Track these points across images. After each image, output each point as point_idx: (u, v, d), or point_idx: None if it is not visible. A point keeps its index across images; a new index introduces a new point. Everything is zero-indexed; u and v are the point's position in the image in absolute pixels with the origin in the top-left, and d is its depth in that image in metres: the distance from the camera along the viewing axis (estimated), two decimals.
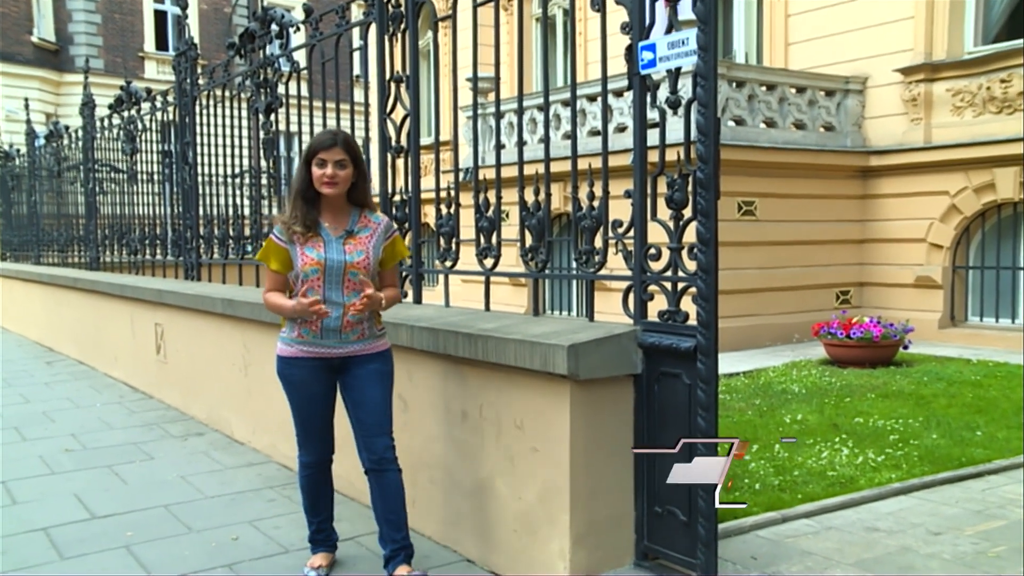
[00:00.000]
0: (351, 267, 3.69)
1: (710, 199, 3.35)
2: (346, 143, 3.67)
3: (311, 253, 3.66)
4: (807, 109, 11.76)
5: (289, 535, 4.49)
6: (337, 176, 3.65)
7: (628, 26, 3.66)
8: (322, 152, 3.64)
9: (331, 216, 3.76)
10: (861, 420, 6.61)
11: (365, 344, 3.79)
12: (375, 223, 3.82)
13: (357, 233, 3.76)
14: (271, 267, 3.78)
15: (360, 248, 3.72)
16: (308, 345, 3.75)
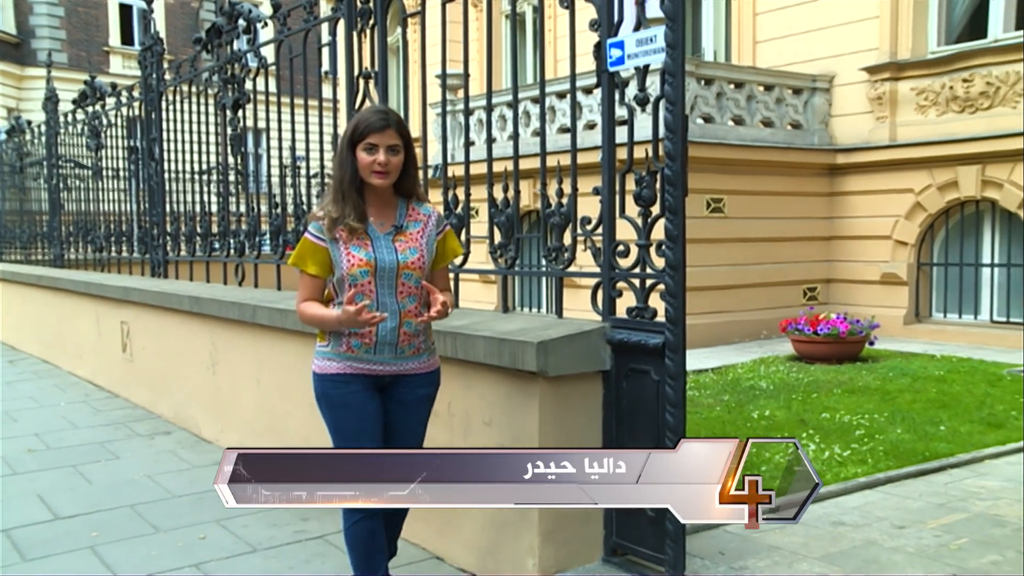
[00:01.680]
0: (405, 268, 3.16)
1: (678, 196, 3.37)
2: (399, 125, 3.16)
3: (358, 253, 3.12)
4: (775, 107, 11.83)
5: (257, 534, 4.46)
6: (390, 164, 3.12)
7: (597, 23, 3.67)
8: (373, 135, 3.09)
9: (377, 209, 3.23)
10: (828, 415, 6.68)
11: (420, 361, 3.28)
12: (425, 216, 3.30)
13: (407, 228, 3.24)
14: (308, 271, 3.20)
15: (413, 245, 3.20)
16: (360, 361, 3.18)
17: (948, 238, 11.44)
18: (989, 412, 6.74)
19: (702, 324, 10.18)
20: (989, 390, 7.60)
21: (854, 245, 12.00)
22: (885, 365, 8.94)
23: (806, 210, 12.02)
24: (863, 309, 11.09)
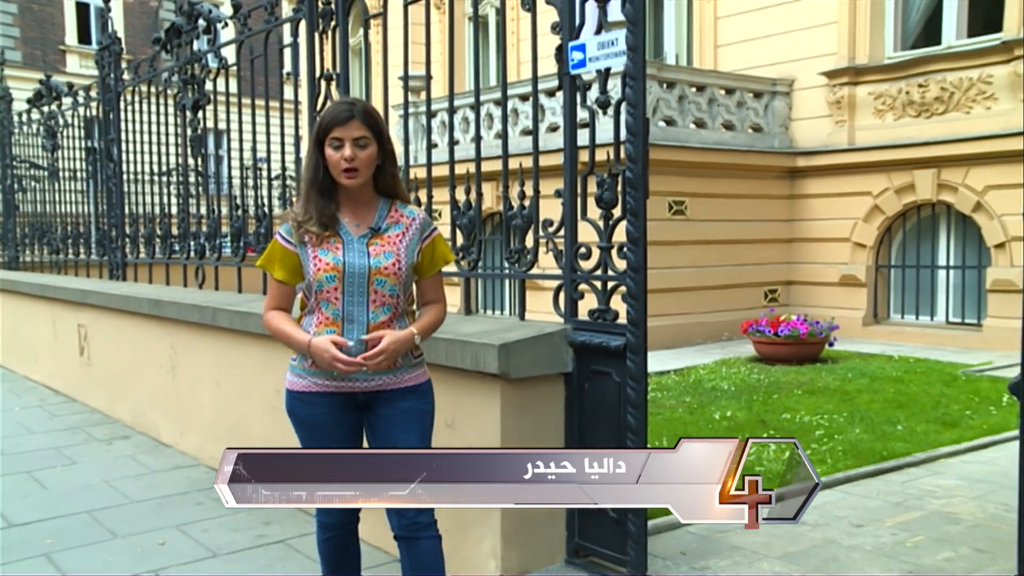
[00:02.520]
0: (377, 273, 2.85)
1: (639, 198, 3.38)
2: (366, 114, 2.85)
3: (326, 256, 2.84)
4: (736, 110, 11.93)
5: (218, 539, 4.42)
6: (357, 159, 2.81)
7: (558, 26, 3.69)
8: (337, 129, 2.80)
9: (352, 210, 2.92)
10: (788, 416, 6.74)
11: (397, 375, 2.93)
12: (408, 218, 2.97)
13: (385, 231, 2.92)
14: (275, 276, 2.97)
15: (388, 249, 2.88)
16: (325, 377, 2.89)
17: (905, 240, 11.60)
18: (944, 412, 6.84)
19: (664, 326, 10.23)
20: (945, 390, 7.71)
21: (814, 247, 12.12)
22: (844, 366, 9.05)
23: (767, 212, 12.13)
24: (823, 311, 11.21)
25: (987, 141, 10.09)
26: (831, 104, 11.80)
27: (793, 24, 12.00)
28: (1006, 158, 9.53)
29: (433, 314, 3.03)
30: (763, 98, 12.20)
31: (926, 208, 11.28)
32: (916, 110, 11.03)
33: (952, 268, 11.16)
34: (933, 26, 11.30)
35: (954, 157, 10.54)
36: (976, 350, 9.90)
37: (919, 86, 10.98)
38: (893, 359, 9.49)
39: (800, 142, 12.23)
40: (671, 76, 11.39)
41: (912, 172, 11.02)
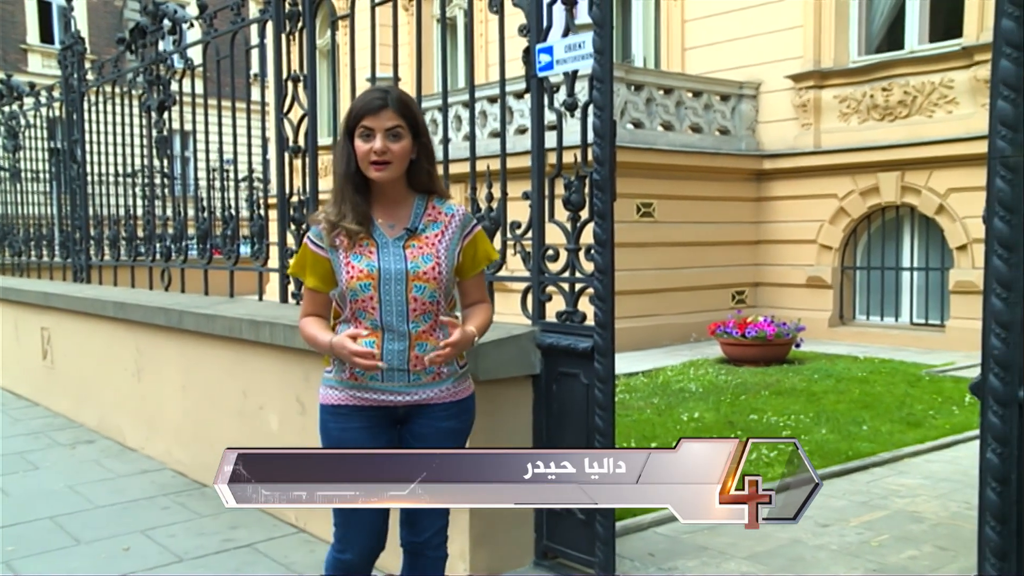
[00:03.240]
0: (416, 279, 2.63)
1: (606, 201, 3.39)
2: (401, 103, 2.62)
3: (359, 262, 2.62)
4: (703, 113, 11.99)
5: (184, 544, 4.37)
6: (390, 152, 2.58)
7: (526, 28, 3.69)
8: (368, 118, 2.58)
9: (385, 209, 2.69)
10: (755, 417, 6.79)
11: (442, 389, 2.72)
12: (447, 215, 2.74)
13: (423, 231, 2.69)
14: (307, 284, 2.76)
15: (427, 252, 2.66)
16: (364, 390, 2.68)
17: (870, 242, 11.71)
18: (909, 412, 6.92)
19: (632, 327, 10.27)
20: (909, 390, 7.80)
21: (780, 249, 12.21)
22: (810, 367, 9.12)
23: (734, 215, 12.20)
24: (789, 312, 11.29)
25: (949, 144, 10.22)
26: (797, 107, 11.90)
27: (759, 28, 12.08)
28: (967, 161, 9.66)
29: (483, 314, 2.82)
30: (730, 101, 12.27)
31: (890, 210, 11.41)
32: (880, 113, 11.14)
33: (916, 270, 11.29)
34: (896, 31, 11.43)
35: (917, 160, 10.67)
36: (939, 351, 10.02)
37: (883, 90, 11.09)
38: (859, 360, 9.59)
39: (766, 145, 12.32)
40: (639, 79, 11.44)
41: (876, 175, 11.13)
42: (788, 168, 12.02)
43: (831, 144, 11.58)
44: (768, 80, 12.18)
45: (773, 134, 12.24)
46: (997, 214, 2.49)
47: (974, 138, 9.30)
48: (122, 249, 7.53)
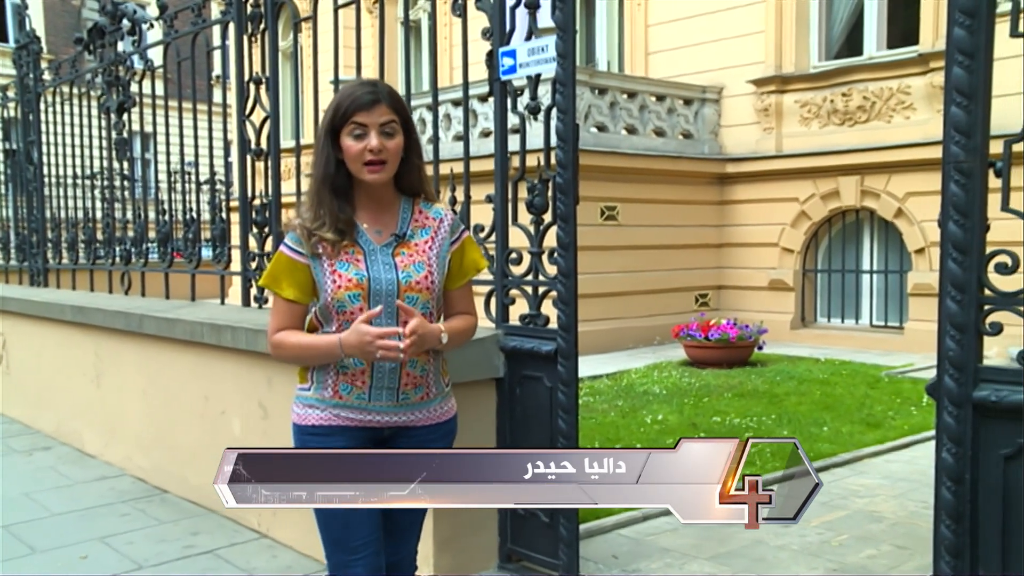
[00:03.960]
0: (408, 289, 2.43)
1: (570, 204, 3.41)
2: (393, 97, 2.42)
3: (346, 271, 2.41)
4: (666, 117, 12.06)
5: (143, 551, 4.32)
6: (386, 150, 2.38)
7: (489, 32, 3.70)
8: (359, 114, 2.36)
9: (371, 213, 2.48)
10: (718, 419, 6.84)
11: (429, 410, 2.56)
12: (435, 220, 2.55)
13: (412, 237, 2.49)
14: (283, 295, 2.47)
15: (419, 260, 2.47)
16: (348, 409, 2.47)
17: (831, 245, 11.84)
18: (868, 413, 7.01)
19: (597, 330, 10.31)
20: (869, 391, 7.90)
21: (743, 252, 12.30)
22: (773, 369, 9.21)
23: (697, 218, 12.28)
24: (752, 314, 11.38)
25: (907, 149, 10.36)
26: (759, 111, 12.01)
27: (722, 33, 12.17)
28: (925, 166, 9.79)
29: (463, 321, 2.61)
30: (693, 105, 12.36)
31: (850, 214, 11.54)
32: (840, 118, 11.27)
33: (875, 272, 11.43)
34: (855, 37, 11.58)
35: (876, 164, 10.81)
36: (899, 352, 10.16)
37: (842, 95, 11.23)
38: (820, 362, 9.69)
39: (729, 148, 12.41)
40: (603, 83, 11.48)
41: (837, 179, 11.26)
42: (750, 172, 12.13)
43: (792, 148, 11.69)
44: (730, 85, 12.28)
45: (735, 138, 12.34)
46: (952, 218, 2.54)
47: (931, 143, 9.44)
48: (81, 252, 7.45)
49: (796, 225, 11.78)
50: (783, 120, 11.84)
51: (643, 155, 11.54)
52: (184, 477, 5.19)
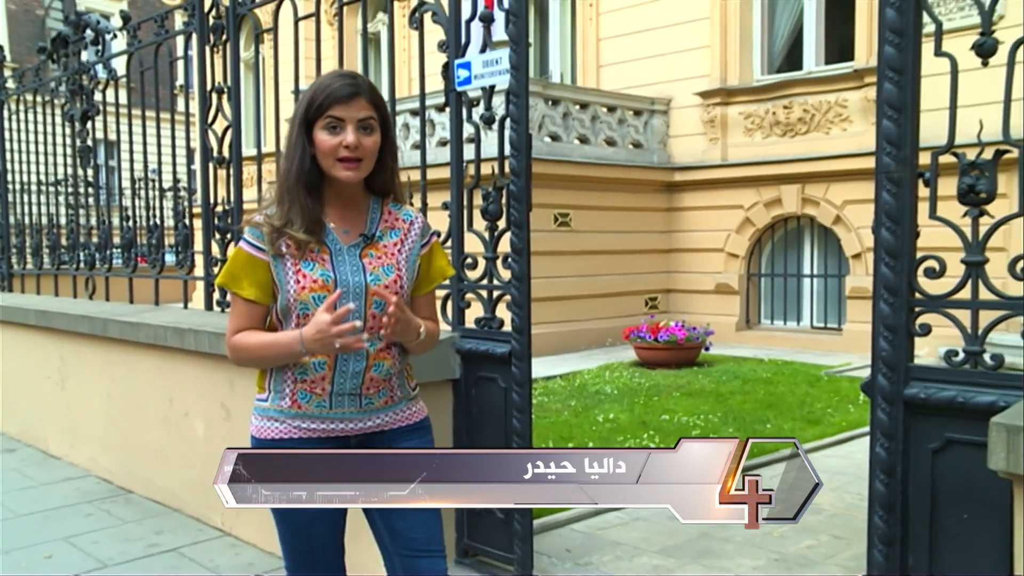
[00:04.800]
0: (376, 293, 2.23)
1: (523, 211, 3.42)
2: (372, 91, 2.23)
3: (312, 271, 2.21)
4: (617, 127, 12.12)
5: (108, 550, 4.26)
6: (363, 147, 2.18)
7: (445, 44, 3.70)
8: (337, 107, 2.16)
9: (339, 211, 2.29)
10: (667, 417, 6.88)
11: (395, 412, 2.37)
12: (405, 222, 2.37)
13: (381, 239, 2.31)
14: (242, 294, 2.25)
15: (388, 263, 2.28)
16: (309, 419, 2.27)
17: (774, 251, 11.97)
18: (809, 410, 7.09)
19: (551, 333, 10.33)
20: (809, 390, 8.00)
21: (690, 257, 12.38)
22: (719, 369, 9.29)
23: (647, 224, 12.34)
24: (699, 317, 11.47)
25: (844, 159, 10.51)
26: (705, 123, 12.11)
27: (670, 47, 12.27)
28: (861, 175, 9.94)
29: (430, 325, 2.41)
30: (642, 116, 12.43)
31: (792, 221, 11.67)
32: (782, 130, 11.41)
33: (815, 276, 11.57)
34: (795, 53, 11.72)
35: (816, 174, 10.95)
36: (838, 352, 10.31)
37: (784, 107, 11.36)
38: (763, 362, 9.78)
39: (677, 158, 12.50)
40: (556, 94, 11.52)
41: (779, 187, 11.39)
42: (697, 180, 12.22)
43: (737, 158, 11.81)
44: (678, 97, 12.37)
45: (683, 148, 12.42)
46: (884, 225, 2.59)
47: (865, 154, 9.58)
48: (45, 257, 7.33)
49: (741, 231, 11.89)
50: (728, 131, 11.95)
51: (595, 164, 11.59)
52: (148, 478, 5.12)
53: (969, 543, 2.48)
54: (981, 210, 2.50)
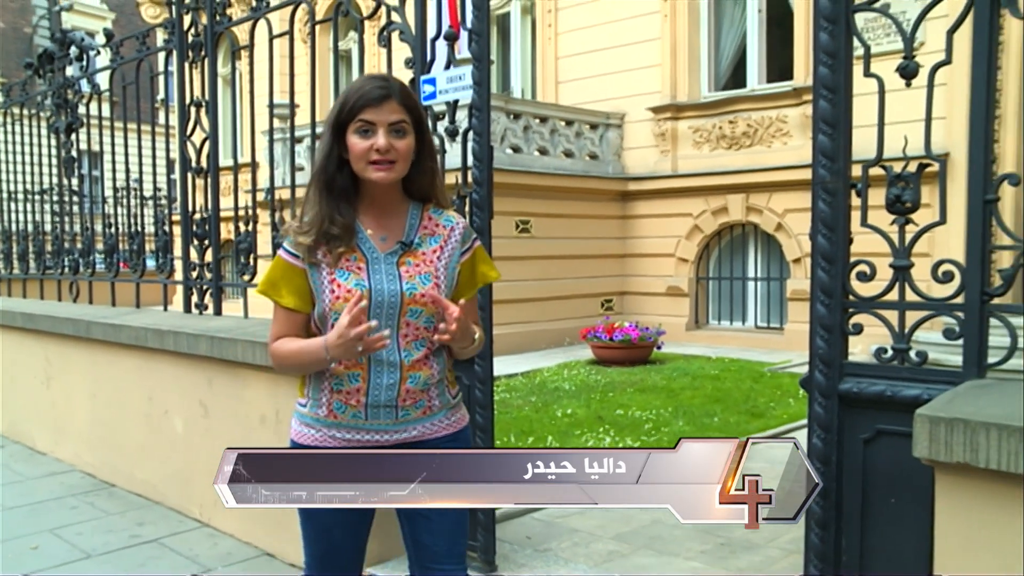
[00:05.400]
0: (412, 302, 2.06)
1: (485, 218, 3.42)
2: (404, 93, 2.05)
3: (346, 280, 2.04)
4: (575, 140, 12.14)
5: (92, 541, 4.21)
6: (395, 150, 2.00)
7: (412, 61, 3.69)
8: (367, 110, 1.99)
9: (376, 219, 2.10)
10: (622, 412, 6.90)
11: (435, 422, 2.17)
12: (445, 228, 2.16)
13: (419, 246, 2.11)
14: (282, 303, 2.11)
15: (425, 271, 2.09)
16: (344, 429, 2.11)
17: (720, 256, 12.04)
18: (753, 404, 7.14)
19: (512, 333, 10.32)
20: (754, 385, 8.05)
21: (643, 262, 12.42)
22: (670, 366, 9.32)
23: (602, 231, 12.36)
24: (651, 318, 11.50)
25: (785, 171, 10.58)
26: (656, 136, 12.16)
27: (624, 65, 12.30)
28: (800, 186, 9.99)
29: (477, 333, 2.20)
30: (598, 129, 12.46)
31: (737, 228, 11.75)
32: (727, 143, 11.49)
33: (759, 280, 11.66)
34: (740, 72, 11.80)
35: (759, 184, 11.03)
36: (780, 350, 10.38)
37: (729, 122, 11.45)
38: (711, 360, 9.83)
39: (630, 169, 12.54)
40: (517, 108, 11.52)
41: (725, 196, 11.45)
42: (649, 190, 12.25)
43: (686, 169, 11.86)
44: (631, 112, 12.41)
45: (636, 159, 12.46)
46: (820, 232, 2.62)
47: (804, 166, 9.58)
48: (31, 263, 7.23)
49: (690, 237, 11.94)
50: (678, 144, 12.01)
51: (553, 174, 11.59)
52: (130, 472, 5.05)
53: (896, 525, 2.51)
54: (907, 218, 2.54)
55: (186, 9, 4.89)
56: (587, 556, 3.80)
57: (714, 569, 3.68)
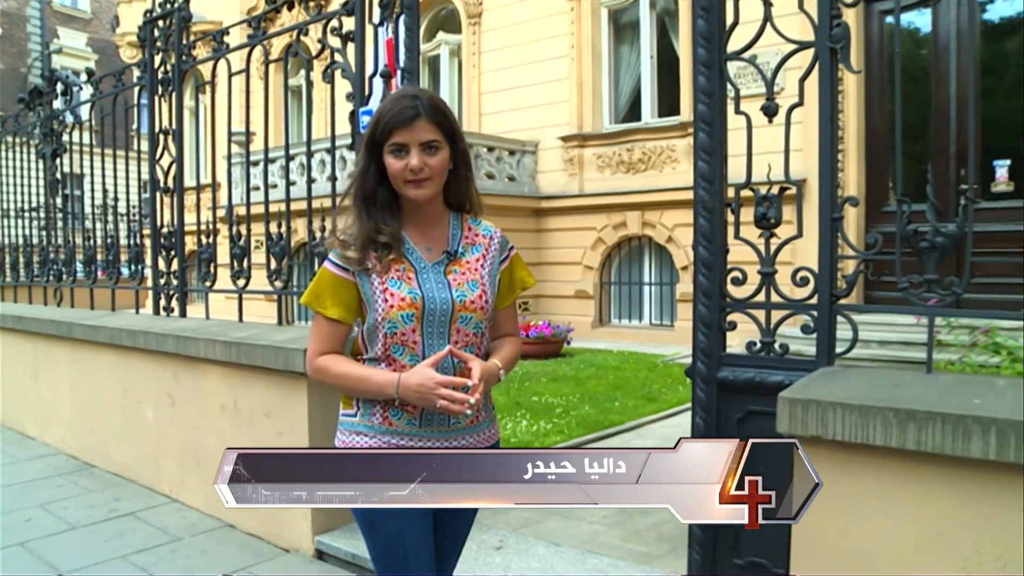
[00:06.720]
0: (463, 309, 1.82)
1: None
2: (434, 110, 1.78)
3: (399, 289, 1.78)
4: (495, 164, 12.05)
5: (76, 515, 4.04)
6: (428, 168, 1.77)
7: (352, 95, 3.60)
8: (399, 132, 1.74)
9: (419, 229, 1.86)
10: (536, 399, 6.80)
11: (478, 434, 1.92)
12: (485, 237, 1.96)
13: (463, 255, 1.89)
14: (326, 313, 1.83)
15: (472, 278, 1.86)
16: (400, 436, 1.83)
17: (620, 264, 12.10)
18: (648, 390, 7.11)
19: None
20: (649, 374, 8.03)
21: (555, 269, 12.39)
22: (578, 359, 9.26)
23: (519, 242, 12.14)
24: (562, 317, 11.49)
25: (674, 192, 10.64)
26: (566, 161, 12.16)
27: (538, 100, 12.27)
28: (686, 204, 9.99)
29: (511, 347, 1.99)
30: (516, 155, 12.41)
31: (635, 240, 11.80)
32: (626, 168, 11.56)
33: (653, 284, 11.73)
34: (636, 107, 11.88)
35: (653, 203, 11.08)
36: (671, 344, 10.43)
37: (627, 150, 11.52)
38: (613, 353, 9.79)
39: (544, 189, 12.49)
40: None
41: (624, 213, 11.50)
42: (560, 207, 12.21)
43: (591, 189, 11.87)
44: (544, 140, 12.36)
45: (548, 181, 12.43)
46: (701, 244, 2.61)
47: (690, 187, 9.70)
48: (21, 272, 6.99)
49: (594, 248, 11.96)
50: (584, 168, 12.03)
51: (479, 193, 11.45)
52: (108, 455, 4.84)
53: None
54: (771, 233, 2.55)
55: (157, 50, 4.76)
56: (506, 523, 3.74)
57: (614, 530, 3.65)
